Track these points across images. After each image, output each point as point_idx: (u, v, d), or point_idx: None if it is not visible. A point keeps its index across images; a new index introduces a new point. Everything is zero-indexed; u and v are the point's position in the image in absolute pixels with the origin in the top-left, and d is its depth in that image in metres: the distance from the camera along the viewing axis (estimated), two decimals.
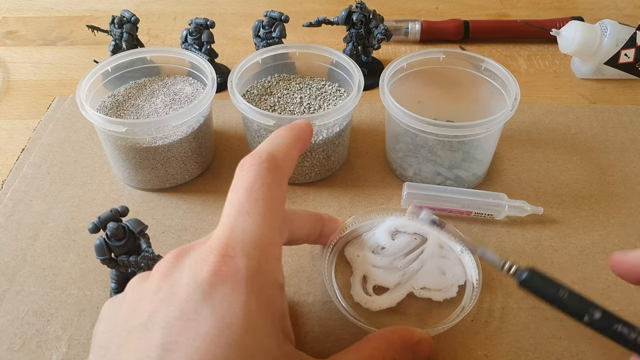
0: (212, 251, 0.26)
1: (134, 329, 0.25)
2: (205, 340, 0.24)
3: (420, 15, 0.74)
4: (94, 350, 0.28)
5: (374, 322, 0.36)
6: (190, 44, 0.58)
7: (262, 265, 0.26)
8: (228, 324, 0.24)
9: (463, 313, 0.36)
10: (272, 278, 0.27)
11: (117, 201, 0.47)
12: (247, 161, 0.29)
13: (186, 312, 0.25)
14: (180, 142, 0.45)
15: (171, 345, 0.24)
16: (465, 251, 0.40)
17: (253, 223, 0.27)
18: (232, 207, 0.28)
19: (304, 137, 0.33)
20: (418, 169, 0.47)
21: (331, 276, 0.39)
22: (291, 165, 0.31)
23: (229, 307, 0.25)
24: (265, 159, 0.29)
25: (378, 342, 0.31)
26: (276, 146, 0.31)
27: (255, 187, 0.28)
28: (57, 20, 0.75)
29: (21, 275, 0.41)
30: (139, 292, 0.28)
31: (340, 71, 0.50)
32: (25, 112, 0.58)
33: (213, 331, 0.24)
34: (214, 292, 0.25)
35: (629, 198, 0.47)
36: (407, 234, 0.41)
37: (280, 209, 0.29)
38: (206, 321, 0.24)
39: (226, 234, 0.26)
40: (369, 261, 0.39)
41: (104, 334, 0.28)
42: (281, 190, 0.29)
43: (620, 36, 0.56)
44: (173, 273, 0.27)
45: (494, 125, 0.42)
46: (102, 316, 0.29)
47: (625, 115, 0.55)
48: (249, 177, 0.28)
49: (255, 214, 0.27)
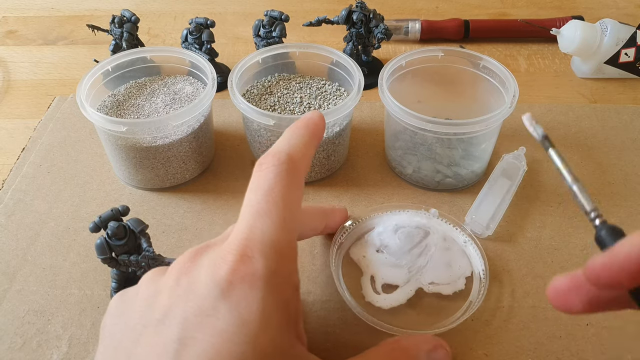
0: (231, 251, 0.26)
1: (150, 323, 0.26)
2: (222, 336, 0.24)
3: (420, 14, 0.74)
4: (105, 343, 0.28)
5: (386, 320, 0.36)
6: (191, 43, 0.58)
7: (279, 266, 0.26)
8: (245, 322, 0.25)
9: (472, 307, 0.36)
10: (288, 279, 0.27)
11: (118, 200, 0.47)
12: (265, 161, 0.29)
13: (204, 309, 0.25)
14: (180, 141, 0.45)
15: (188, 340, 0.24)
16: (469, 241, 0.40)
17: (272, 225, 0.27)
18: (252, 207, 0.28)
19: (319, 133, 0.33)
20: (417, 166, 0.47)
21: (339, 276, 0.39)
22: (308, 164, 0.32)
23: (246, 306, 0.25)
24: (284, 160, 0.29)
25: (391, 347, 0.31)
26: (294, 146, 0.31)
27: (274, 189, 0.28)
28: (57, 19, 0.75)
29: (22, 274, 0.41)
30: (154, 287, 0.28)
31: (341, 71, 0.50)
32: (26, 111, 0.59)
33: (230, 328, 0.24)
34: (232, 291, 0.25)
35: (629, 198, 0.47)
36: (410, 229, 0.41)
37: (298, 210, 0.30)
38: (224, 318, 0.25)
39: (245, 234, 0.27)
40: (375, 260, 0.39)
41: (115, 326, 0.28)
42: (299, 191, 0.30)
43: (620, 35, 0.56)
44: (191, 270, 0.27)
45: (492, 122, 0.42)
46: (112, 309, 0.29)
47: (626, 114, 0.55)
48: (267, 179, 0.28)
49: (274, 215, 0.27)
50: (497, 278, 0.40)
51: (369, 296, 0.38)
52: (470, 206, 0.45)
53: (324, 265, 0.41)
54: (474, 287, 0.39)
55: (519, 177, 0.47)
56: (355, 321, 0.37)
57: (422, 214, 0.42)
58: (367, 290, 0.38)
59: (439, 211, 0.42)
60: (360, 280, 0.39)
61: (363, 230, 0.42)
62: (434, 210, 0.42)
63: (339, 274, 0.40)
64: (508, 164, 0.47)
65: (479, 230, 0.43)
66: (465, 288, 0.38)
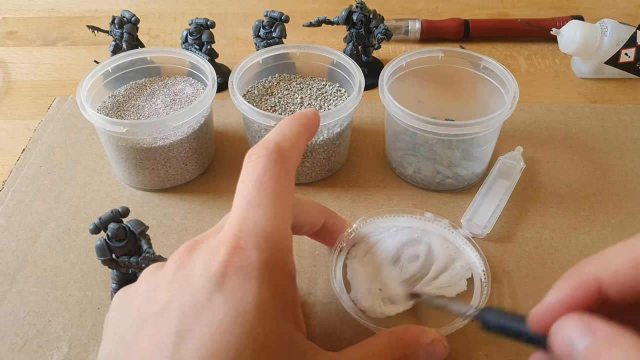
0: (225, 243, 0.26)
1: (149, 317, 0.26)
2: (219, 328, 0.24)
3: (420, 14, 0.74)
4: (107, 338, 0.28)
5: (387, 324, 0.36)
6: (191, 44, 0.58)
7: (273, 257, 0.27)
8: (241, 313, 0.25)
9: (477, 309, 0.36)
10: (283, 269, 0.27)
11: (118, 202, 0.47)
12: (254, 152, 0.29)
13: (200, 301, 0.25)
14: (180, 142, 0.45)
15: (186, 332, 0.24)
16: (467, 243, 0.40)
17: (264, 215, 0.27)
18: (243, 199, 0.28)
19: (311, 125, 0.33)
20: (417, 167, 0.47)
21: (342, 288, 0.39)
22: (299, 154, 0.31)
23: (242, 297, 0.25)
24: (273, 149, 0.29)
25: (389, 338, 0.31)
26: (283, 136, 0.31)
27: (264, 179, 0.28)
28: (57, 20, 0.75)
29: (22, 275, 0.41)
30: (153, 282, 0.28)
31: (341, 71, 0.50)
32: (26, 112, 0.59)
33: (227, 319, 0.25)
34: (227, 282, 0.25)
35: (630, 198, 0.47)
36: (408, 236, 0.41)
37: (290, 199, 0.30)
38: (220, 309, 0.25)
39: (238, 226, 0.27)
40: (379, 274, 0.39)
41: (117, 321, 0.28)
42: (290, 180, 0.30)
43: (620, 35, 0.56)
44: (187, 264, 0.27)
45: (493, 123, 0.42)
46: (115, 305, 0.30)
47: (626, 114, 0.55)
48: (257, 169, 0.29)
49: (265, 206, 0.27)
50: (497, 279, 0.40)
51: (372, 307, 0.37)
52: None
53: (324, 267, 0.41)
54: (476, 288, 0.38)
55: (516, 176, 0.47)
56: (356, 322, 0.37)
57: (417, 218, 0.42)
58: (368, 302, 0.37)
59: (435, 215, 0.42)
60: (362, 291, 0.38)
61: (361, 239, 0.41)
62: (428, 214, 0.42)
63: (342, 286, 0.39)
64: (504, 165, 0.47)
65: (476, 230, 0.43)
66: (467, 290, 0.38)
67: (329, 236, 0.40)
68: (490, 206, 0.44)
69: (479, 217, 0.43)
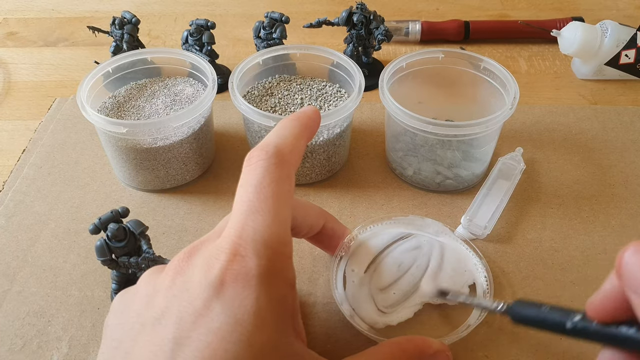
0: (224, 250, 0.26)
1: (147, 323, 0.26)
2: (217, 335, 0.24)
3: (420, 16, 0.74)
4: (106, 342, 0.28)
5: (389, 334, 0.35)
6: (191, 44, 0.58)
7: (273, 264, 0.26)
8: (239, 321, 0.24)
9: (482, 314, 0.36)
10: (283, 276, 0.27)
11: (118, 202, 0.47)
12: (254, 155, 0.29)
13: (198, 308, 0.25)
14: (180, 143, 0.45)
15: (183, 340, 0.24)
16: (468, 248, 0.40)
17: (263, 221, 0.27)
18: (242, 204, 0.28)
19: (312, 125, 0.33)
20: (418, 168, 0.47)
21: (342, 293, 0.38)
22: (299, 157, 0.31)
23: (240, 304, 0.25)
24: (272, 153, 0.29)
25: (392, 348, 0.31)
26: (283, 138, 0.30)
27: (264, 184, 0.28)
28: (57, 21, 0.75)
29: (22, 276, 0.41)
30: (152, 286, 0.28)
31: (341, 72, 0.50)
32: (26, 113, 0.59)
33: (224, 327, 0.24)
34: (225, 290, 0.25)
35: (630, 199, 0.47)
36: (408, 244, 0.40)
37: (290, 203, 0.29)
38: (218, 317, 0.25)
39: (237, 232, 0.27)
40: (377, 280, 0.38)
41: (116, 326, 0.28)
42: (290, 184, 0.29)
43: (620, 37, 0.56)
44: (186, 270, 0.27)
45: (493, 124, 0.42)
46: (114, 308, 0.29)
47: (626, 116, 0.55)
48: (256, 173, 0.28)
49: (265, 212, 0.27)
50: (497, 280, 0.40)
51: (372, 317, 0.36)
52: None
53: (324, 267, 0.41)
54: (478, 294, 0.38)
55: (517, 176, 0.47)
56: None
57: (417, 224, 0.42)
58: (369, 312, 0.37)
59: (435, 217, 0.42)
60: (363, 302, 0.38)
61: (362, 248, 0.40)
62: (429, 219, 0.42)
63: (343, 296, 0.38)
64: (504, 165, 0.47)
65: (477, 231, 0.43)
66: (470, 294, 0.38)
67: (327, 241, 0.39)
68: (490, 207, 0.44)
69: (479, 218, 0.43)
